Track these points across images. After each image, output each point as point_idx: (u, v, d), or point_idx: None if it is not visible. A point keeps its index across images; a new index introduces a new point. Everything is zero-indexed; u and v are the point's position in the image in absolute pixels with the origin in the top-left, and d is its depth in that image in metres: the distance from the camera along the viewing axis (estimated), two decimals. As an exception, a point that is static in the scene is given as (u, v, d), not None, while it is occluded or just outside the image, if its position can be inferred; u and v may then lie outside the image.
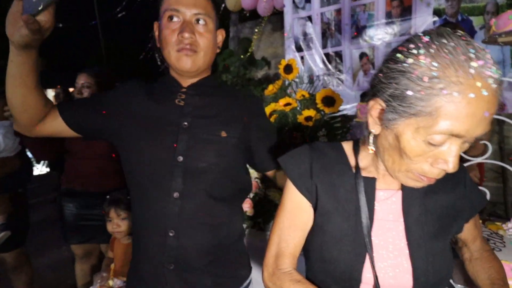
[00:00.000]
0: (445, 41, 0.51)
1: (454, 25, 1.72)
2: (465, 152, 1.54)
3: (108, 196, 1.49)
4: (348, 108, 2.55)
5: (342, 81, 2.82)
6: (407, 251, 0.64)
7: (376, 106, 0.60)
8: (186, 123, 0.87)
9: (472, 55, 0.49)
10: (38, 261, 2.45)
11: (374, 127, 0.61)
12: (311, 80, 2.85)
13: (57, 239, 2.94)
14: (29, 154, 1.99)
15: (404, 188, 0.66)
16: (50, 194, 4.31)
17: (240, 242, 0.99)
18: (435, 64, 0.49)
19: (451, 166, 0.53)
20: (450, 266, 0.66)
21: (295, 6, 2.92)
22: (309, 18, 2.87)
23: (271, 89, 1.74)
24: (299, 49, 2.97)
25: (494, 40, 1.25)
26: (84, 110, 0.90)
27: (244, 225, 1.36)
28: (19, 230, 1.86)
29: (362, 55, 2.66)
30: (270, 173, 1.02)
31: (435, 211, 0.66)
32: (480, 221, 1.23)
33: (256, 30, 3.33)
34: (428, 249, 0.64)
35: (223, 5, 3.48)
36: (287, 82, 1.76)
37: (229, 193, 0.92)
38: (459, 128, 0.49)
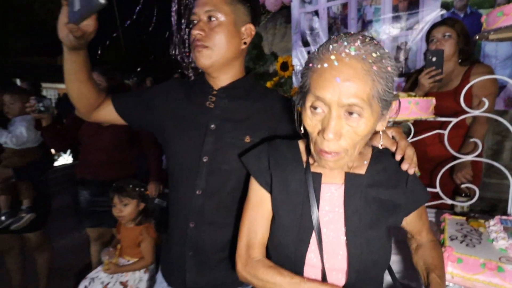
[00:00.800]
0: (338, 37, 0.64)
1: (453, 20, 1.68)
2: (458, 151, 1.53)
3: (113, 184, 1.63)
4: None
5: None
6: (344, 238, 0.71)
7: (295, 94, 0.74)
8: (213, 126, 0.92)
9: (340, 40, 0.62)
10: (57, 243, 2.69)
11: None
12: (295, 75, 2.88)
13: (74, 224, 3.21)
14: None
15: (346, 182, 0.73)
16: (70, 183, 4.63)
17: None
18: (316, 51, 0.65)
19: (327, 132, 0.61)
20: (385, 254, 0.73)
21: (302, 0, 2.93)
22: (316, 13, 2.87)
23: (268, 85, 1.81)
24: (305, 44, 2.99)
25: (485, 37, 1.24)
26: (133, 102, 1.00)
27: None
28: (41, 213, 2.06)
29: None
30: None
31: (374, 203, 0.72)
32: (464, 218, 1.24)
33: (269, 25, 3.34)
34: (363, 237, 0.70)
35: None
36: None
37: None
38: (320, 92, 0.61)
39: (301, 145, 0.80)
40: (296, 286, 0.68)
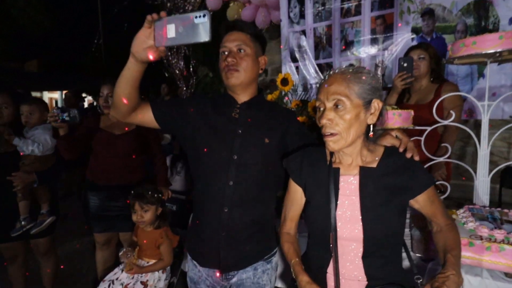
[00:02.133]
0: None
1: (426, 45, 2.02)
2: (434, 154, 1.83)
3: (132, 191, 1.73)
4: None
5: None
6: (360, 217, 0.93)
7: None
8: (240, 131, 1.18)
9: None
10: (60, 249, 2.68)
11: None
12: (305, 88, 3.15)
13: (76, 231, 3.18)
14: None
15: (360, 173, 0.97)
16: (69, 189, 4.55)
17: (272, 220, 1.30)
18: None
19: (322, 119, 0.91)
20: (396, 227, 0.95)
21: (291, 21, 3.21)
22: (303, 32, 3.16)
23: (269, 98, 2.02)
24: (294, 59, 3.26)
25: (451, 61, 1.54)
26: (169, 109, 1.20)
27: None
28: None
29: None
30: None
31: (384, 188, 0.94)
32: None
33: None
34: (375, 213, 0.92)
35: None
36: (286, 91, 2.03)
37: (269, 183, 1.22)
38: (318, 95, 0.95)
39: (327, 149, 1.04)
40: (289, 259, 1.06)
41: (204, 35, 0.83)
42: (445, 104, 1.89)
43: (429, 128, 1.63)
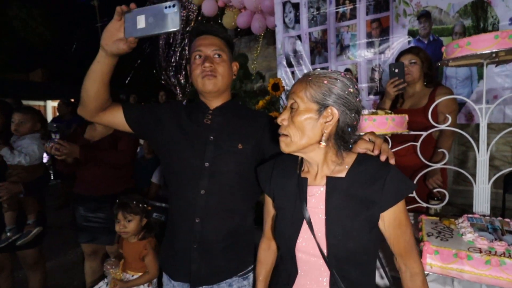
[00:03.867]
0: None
1: (417, 49, 1.96)
2: (430, 160, 1.75)
3: (117, 200, 1.68)
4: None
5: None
6: (324, 230, 0.85)
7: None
8: (212, 137, 1.13)
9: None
10: (52, 261, 2.63)
11: None
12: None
13: (70, 242, 3.12)
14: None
15: (327, 184, 0.88)
16: (55, 202, 4.50)
17: (250, 233, 1.22)
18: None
19: (278, 118, 0.88)
20: (365, 243, 0.83)
21: (286, 26, 3.18)
22: (299, 37, 3.13)
23: (261, 104, 1.97)
24: (290, 64, 3.22)
25: (446, 63, 1.48)
26: (141, 113, 1.16)
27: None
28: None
29: (346, 71, 2.91)
30: None
31: (352, 200, 0.85)
32: (438, 218, 1.43)
33: (256, 46, 3.59)
34: (341, 227, 0.83)
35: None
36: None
37: (244, 192, 1.16)
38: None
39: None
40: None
41: (173, 25, 0.82)
42: (440, 108, 1.82)
43: (424, 133, 1.56)
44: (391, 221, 0.85)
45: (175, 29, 0.84)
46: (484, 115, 1.42)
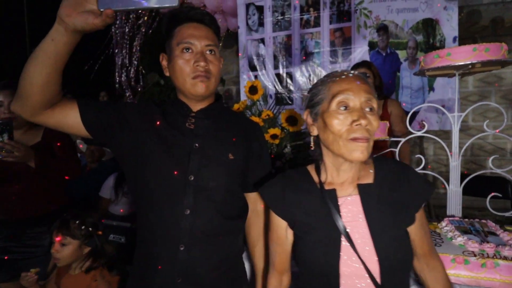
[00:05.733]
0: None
1: (369, 63, 2.11)
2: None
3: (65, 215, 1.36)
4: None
5: (292, 100, 3.05)
6: (372, 243, 0.76)
7: (307, 114, 0.86)
8: (197, 144, 0.94)
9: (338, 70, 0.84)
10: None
11: (313, 129, 0.84)
12: (264, 98, 3.03)
13: None
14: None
15: (360, 193, 0.81)
16: None
17: (241, 258, 1.06)
18: (322, 79, 0.85)
19: (361, 120, 0.74)
20: (409, 251, 0.79)
21: (249, 28, 3.09)
22: (262, 41, 3.07)
23: (236, 108, 1.82)
24: (253, 68, 3.13)
25: (423, 73, 1.54)
26: (103, 112, 0.91)
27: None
28: None
29: (310, 77, 2.94)
30: (251, 194, 1.06)
31: (389, 206, 0.79)
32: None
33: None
34: (389, 238, 0.76)
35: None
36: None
37: (235, 211, 0.99)
38: (346, 92, 0.77)
39: (310, 168, 0.89)
40: None
41: None
42: (393, 118, 2.03)
43: (403, 139, 1.61)
44: (419, 221, 0.83)
45: (173, 5, 0.64)
46: (457, 122, 1.51)
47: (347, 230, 0.77)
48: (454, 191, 1.54)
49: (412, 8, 2.54)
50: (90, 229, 1.39)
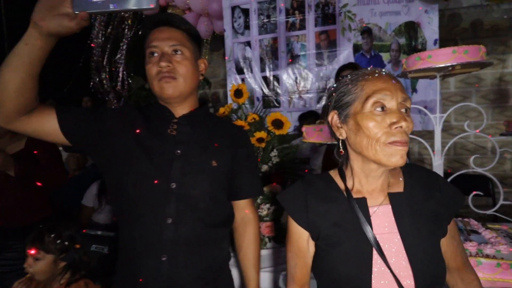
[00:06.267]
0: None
1: (355, 65, 2.10)
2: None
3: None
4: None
5: (279, 103, 3.06)
6: (406, 257, 0.70)
7: (333, 116, 0.77)
8: (179, 151, 0.91)
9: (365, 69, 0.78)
10: None
11: (341, 132, 0.76)
12: (251, 101, 3.02)
13: None
14: None
15: (392, 202, 0.75)
16: None
17: (227, 266, 1.03)
18: (352, 77, 0.76)
19: (401, 122, 0.67)
20: (444, 265, 0.74)
21: (235, 31, 3.09)
22: (248, 43, 3.07)
23: (222, 111, 1.80)
24: (240, 71, 3.12)
25: (405, 75, 1.57)
26: (82, 118, 0.89)
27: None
28: None
29: (297, 80, 2.95)
30: (240, 202, 1.05)
31: (422, 217, 0.74)
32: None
33: (205, 51, 3.40)
34: (423, 252, 0.71)
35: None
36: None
37: (220, 219, 0.97)
38: (383, 92, 0.69)
39: (333, 174, 0.83)
40: None
41: (148, 0, 0.61)
42: None
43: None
44: (451, 232, 0.78)
45: (149, 7, 0.62)
46: (439, 123, 1.54)
47: (379, 241, 0.72)
48: (437, 190, 1.57)
49: (394, 12, 2.59)
50: (66, 243, 1.33)
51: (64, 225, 1.38)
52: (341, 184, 0.79)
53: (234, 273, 1.18)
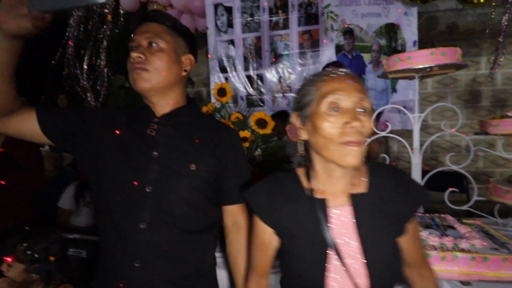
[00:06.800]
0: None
1: (339, 63, 2.14)
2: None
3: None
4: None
5: (263, 102, 3.06)
6: (363, 257, 0.72)
7: (294, 117, 0.79)
8: (156, 153, 0.88)
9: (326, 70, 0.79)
10: None
11: (302, 133, 0.78)
12: (235, 100, 3.00)
13: None
14: None
15: (353, 204, 0.76)
16: None
17: (211, 273, 0.99)
18: (311, 78, 0.78)
19: (355, 122, 0.68)
20: (399, 264, 0.76)
21: (218, 29, 3.06)
22: (232, 42, 3.05)
23: (205, 110, 1.78)
24: (223, 70, 3.10)
25: (386, 75, 1.60)
26: (63, 118, 0.89)
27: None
28: None
29: (281, 79, 2.96)
30: (228, 207, 1.01)
31: (382, 217, 0.75)
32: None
33: None
34: (380, 252, 0.73)
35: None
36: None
37: (201, 226, 0.93)
38: (338, 92, 0.71)
39: (300, 173, 0.83)
40: None
41: None
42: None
43: (368, 140, 1.66)
44: (411, 230, 0.80)
45: (99, 1, 0.65)
46: (417, 122, 1.59)
47: (337, 242, 0.73)
48: (416, 188, 1.62)
49: (375, 13, 2.65)
50: (37, 255, 1.28)
51: (45, 233, 1.33)
52: (306, 184, 0.80)
53: (223, 274, 1.16)
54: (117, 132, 0.90)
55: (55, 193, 2.25)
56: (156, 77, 0.88)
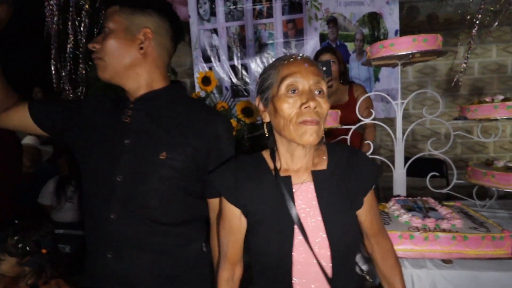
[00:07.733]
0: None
1: (333, 49, 2.14)
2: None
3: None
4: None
5: (248, 92, 3.03)
6: (324, 230, 0.77)
7: (258, 101, 0.84)
8: (128, 141, 0.85)
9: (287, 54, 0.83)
10: None
11: (265, 116, 0.82)
12: (220, 90, 2.96)
13: None
14: None
15: (314, 179, 0.81)
16: None
17: (199, 267, 0.94)
18: (274, 62, 0.82)
19: (310, 102, 0.73)
20: (358, 236, 0.85)
21: (201, 18, 2.98)
22: (215, 31, 2.99)
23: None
24: (207, 60, 3.04)
25: (369, 63, 1.62)
26: (55, 109, 0.92)
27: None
28: None
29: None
30: (212, 200, 0.94)
31: (340, 192, 0.81)
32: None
33: None
34: (339, 224, 0.79)
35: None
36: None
37: (179, 219, 0.88)
38: (295, 75, 0.75)
39: (265, 154, 0.87)
40: None
41: None
42: (359, 104, 2.02)
43: (353, 127, 1.68)
44: (368, 204, 0.86)
45: None
46: (400, 109, 1.62)
47: (301, 217, 0.77)
48: (399, 173, 1.66)
49: (358, 2, 2.66)
50: (28, 248, 1.24)
51: (36, 226, 1.30)
52: (271, 164, 0.84)
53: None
54: (99, 120, 0.90)
55: (34, 189, 2.18)
56: (111, 62, 0.83)
